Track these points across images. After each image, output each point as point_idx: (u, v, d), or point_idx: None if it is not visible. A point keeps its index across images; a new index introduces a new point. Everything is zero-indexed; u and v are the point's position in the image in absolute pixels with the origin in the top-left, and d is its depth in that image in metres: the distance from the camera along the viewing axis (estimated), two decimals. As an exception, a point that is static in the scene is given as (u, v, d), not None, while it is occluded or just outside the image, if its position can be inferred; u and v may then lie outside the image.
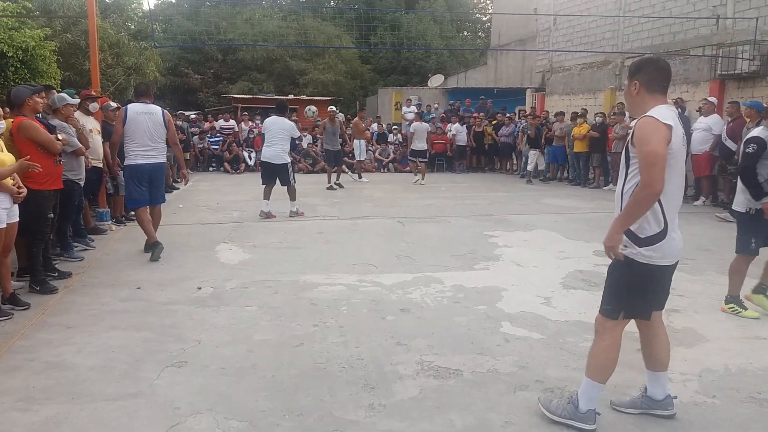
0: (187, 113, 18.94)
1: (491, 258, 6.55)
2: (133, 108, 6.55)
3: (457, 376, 3.57)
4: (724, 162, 10.24)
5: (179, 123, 14.48)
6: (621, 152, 3.04)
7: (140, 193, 6.58)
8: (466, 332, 4.30)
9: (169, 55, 27.08)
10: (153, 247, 6.42)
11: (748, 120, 9.04)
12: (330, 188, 12.74)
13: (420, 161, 14.30)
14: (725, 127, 10.13)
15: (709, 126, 10.44)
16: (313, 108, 12.84)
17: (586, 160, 13.95)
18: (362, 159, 15.16)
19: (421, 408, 3.17)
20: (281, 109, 9.30)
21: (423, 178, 14.14)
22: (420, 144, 14.20)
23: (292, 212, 9.18)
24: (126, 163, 6.68)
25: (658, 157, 2.67)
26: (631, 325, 3.08)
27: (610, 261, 2.96)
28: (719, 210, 9.79)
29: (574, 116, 14.24)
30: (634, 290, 2.91)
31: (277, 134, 9.03)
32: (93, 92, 8.21)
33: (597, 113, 14.09)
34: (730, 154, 9.89)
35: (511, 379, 3.54)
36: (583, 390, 2.97)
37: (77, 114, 6.83)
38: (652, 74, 2.89)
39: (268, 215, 9.01)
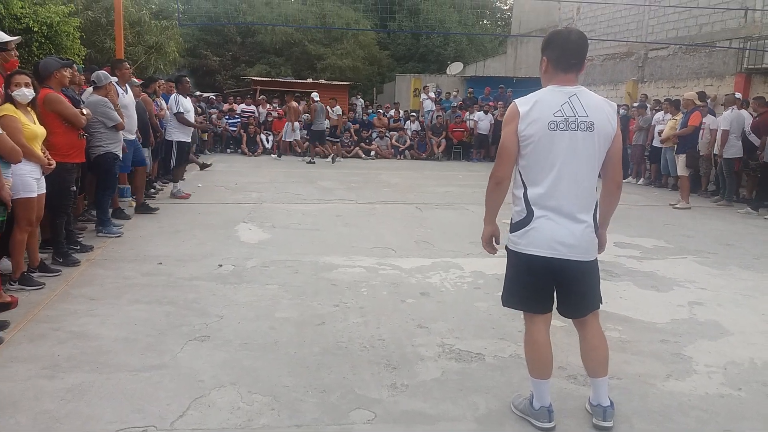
0: (206, 95, 18.96)
1: (511, 246, 6.49)
2: None
3: (479, 360, 3.56)
4: (746, 157, 10.07)
5: (201, 104, 14.53)
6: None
7: None
8: (487, 317, 4.28)
9: (188, 37, 27.11)
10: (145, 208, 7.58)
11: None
12: (309, 162, 14.40)
13: (319, 144, 15.19)
14: (750, 122, 9.97)
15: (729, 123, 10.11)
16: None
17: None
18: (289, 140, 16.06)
19: (444, 389, 3.17)
20: None
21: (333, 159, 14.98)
22: (320, 125, 14.80)
23: (173, 192, 8.83)
24: None
25: (502, 149, 2.70)
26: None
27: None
28: (741, 206, 9.65)
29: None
30: (508, 278, 2.91)
31: None
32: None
33: (620, 105, 13.91)
34: (753, 149, 9.81)
35: (533, 364, 3.51)
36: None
37: (88, 90, 6.85)
38: (557, 51, 2.70)
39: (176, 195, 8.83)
